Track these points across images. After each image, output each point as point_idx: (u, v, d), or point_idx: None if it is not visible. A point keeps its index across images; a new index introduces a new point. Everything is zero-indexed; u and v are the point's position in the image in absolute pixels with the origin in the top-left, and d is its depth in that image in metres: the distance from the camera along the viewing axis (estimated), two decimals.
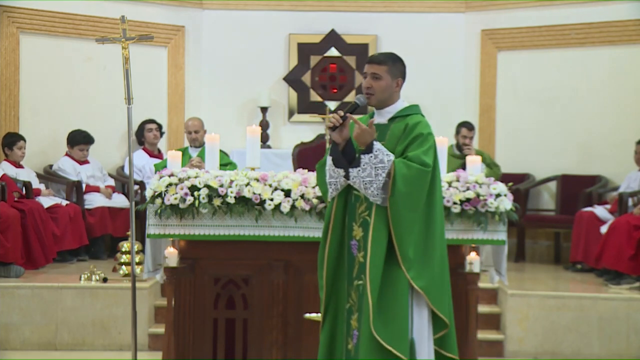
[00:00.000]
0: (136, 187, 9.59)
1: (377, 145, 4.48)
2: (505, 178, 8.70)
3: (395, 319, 4.47)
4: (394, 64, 4.64)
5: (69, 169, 9.84)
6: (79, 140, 9.91)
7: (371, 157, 4.45)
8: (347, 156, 4.55)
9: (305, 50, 11.14)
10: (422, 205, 4.52)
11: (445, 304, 4.59)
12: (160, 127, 10.52)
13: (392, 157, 4.48)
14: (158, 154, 10.36)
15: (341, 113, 4.54)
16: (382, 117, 4.69)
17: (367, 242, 4.53)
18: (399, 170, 4.45)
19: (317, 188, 5.58)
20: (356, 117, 4.64)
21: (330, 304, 4.66)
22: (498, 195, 5.65)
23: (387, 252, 4.50)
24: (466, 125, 9.84)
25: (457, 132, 9.83)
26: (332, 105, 11.06)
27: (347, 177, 4.54)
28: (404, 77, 4.69)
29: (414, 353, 4.53)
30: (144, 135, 10.39)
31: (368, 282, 4.46)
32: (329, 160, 4.61)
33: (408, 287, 4.49)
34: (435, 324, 4.60)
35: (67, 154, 9.96)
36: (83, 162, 9.95)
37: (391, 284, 4.49)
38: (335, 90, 11.17)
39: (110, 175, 10.21)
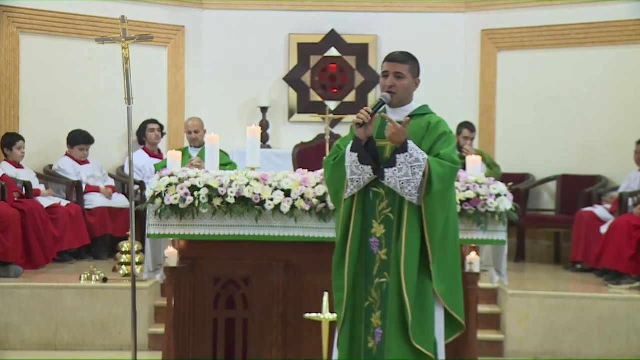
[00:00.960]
0: (136, 187, 9.59)
1: (411, 144, 4.48)
2: (505, 178, 8.71)
3: (426, 319, 4.50)
4: (414, 64, 4.70)
5: (69, 169, 9.84)
6: (79, 140, 9.91)
7: (407, 156, 4.45)
8: (370, 153, 4.54)
9: (305, 50, 11.14)
10: (451, 204, 4.57)
11: (461, 306, 4.64)
12: (162, 127, 10.52)
13: (426, 155, 4.48)
14: (158, 154, 10.37)
15: (369, 110, 4.55)
16: (398, 115, 4.66)
17: (391, 239, 4.53)
18: (434, 169, 4.46)
19: (317, 188, 5.58)
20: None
21: (349, 303, 4.62)
22: (498, 195, 5.65)
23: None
24: (468, 126, 9.83)
25: (459, 132, 9.83)
26: (332, 105, 11.07)
27: (376, 174, 4.52)
28: (419, 77, 4.75)
29: (437, 354, 4.56)
30: (146, 135, 10.39)
31: (404, 281, 4.45)
32: (352, 156, 4.57)
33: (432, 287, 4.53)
34: (449, 326, 4.63)
35: (67, 154, 9.96)
36: (83, 162, 9.95)
37: (420, 284, 4.50)
38: (335, 90, 11.17)
39: (110, 175, 10.21)
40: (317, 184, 5.61)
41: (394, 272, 4.51)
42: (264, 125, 10.90)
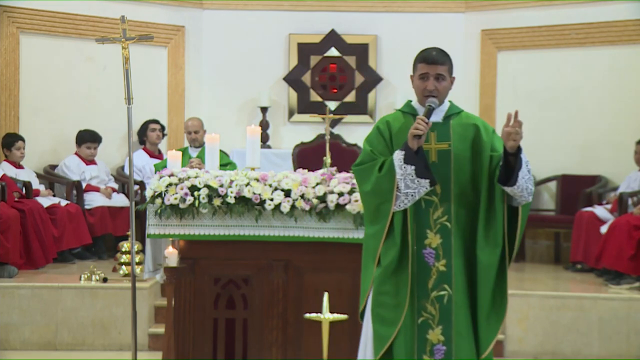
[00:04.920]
0: (136, 187, 9.60)
1: (522, 157, 4.36)
2: None
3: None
4: (451, 62, 4.48)
5: (74, 168, 9.86)
6: (86, 139, 9.92)
7: (524, 172, 4.35)
8: (423, 164, 4.30)
9: (305, 50, 11.14)
10: None
11: None
12: (163, 128, 10.52)
13: (528, 160, 4.34)
14: (158, 155, 10.37)
15: (426, 119, 4.28)
16: (435, 115, 4.43)
17: (450, 249, 4.34)
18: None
19: (317, 188, 5.56)
20: (392, 115, 4.54)
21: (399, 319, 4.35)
22: None
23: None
24: None
25: None
26: (332, 105, 11.07)
27: (432, 184, 4.28)
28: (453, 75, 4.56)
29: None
30: (147, 135, 10.40)
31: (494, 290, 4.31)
32: (407, 169, 4.28)
33: None
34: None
35: (75, 153, 9.97)
36: (90, 162, 9.96)
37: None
38: (335, 90, 11.17)
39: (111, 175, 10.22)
40: (317, 184, 5.60)
41: (459, 282, 4.33)
42: (264, 125, 10.91)
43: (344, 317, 4.80)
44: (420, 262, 4.37)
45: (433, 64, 4.41)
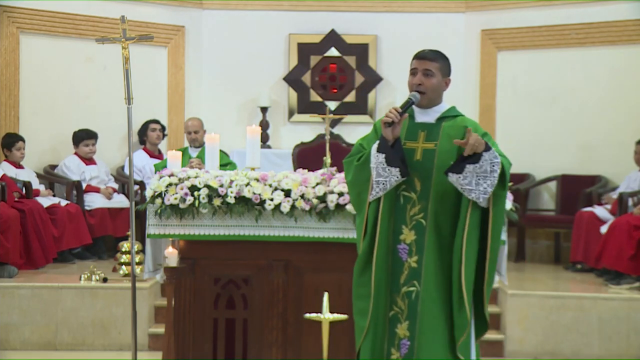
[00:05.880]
0: (136, 187, 9.60)
1: (486, 155, 4.25)
2: None
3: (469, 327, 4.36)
4: (444, 62, 4.48)
5: (74, 168, 9.86)
6: (82, 137, 9.93)
7: (476, 166, 4.24)
8: (398, 154, 4.32)
9: (305, 50, 11.14)
10: None
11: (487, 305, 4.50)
12: (163, 128, 10.52)
13: (498, 163, 4.27)
14: (158, 155, 10.37)
15: (399, 109, 4.33)
16: (428, 116, 4.48)
17: (423, 246, 4.34)
18: (507, 167, 4.33)
19: (317, 188, 5.58)
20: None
21: (373, 312, 4.41)
22: None
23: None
24: None
25: None
26: (332, 105, 11.07)
27: (403, 175, 4.31)
28: (449, 77, 4.54)
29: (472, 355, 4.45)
30: (147, 135, 10.40)
31: (464, 289, 4.27)
32: (379, 157, 4.34)
33: None
34: (477, 328, 4.49)
35: (75, 153, 9.98)
36: (89, 162, 9.96)
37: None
38: (335, 90, 11.17)
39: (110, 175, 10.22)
40: (317, 184, 5.61)
41: (429, 280, 4.33)
42: (264, 125, 10.91)
43: (344, 317, 4.80)
44: (395, 257, 4.42)
45: (422, 59, 4.46)
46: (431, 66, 4.44)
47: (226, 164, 7.74)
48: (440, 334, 4.33)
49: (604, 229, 8.69)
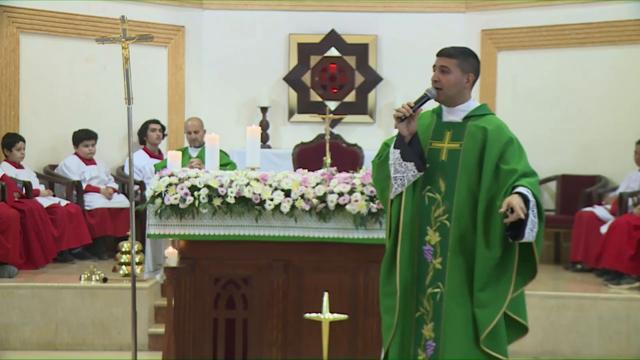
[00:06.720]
0: (136, 187, 9.60)
1: (528, 221, 4.20)
2: None
3: (501, 327, 4.39)
4: (466, 59, 4.43)
5: (74, 168, 9.86)
6: (82, 137, 9.93)
7: (528, 229, 4.22)
8: (414, 150, 4.31)
9: (305, 50, 11.14)
10: None
11: (524, 309, 4.64)
12: (163, 128, 10.52)
13: (536, 213, 4.24)
14: (158, 155, 10.37)
15: (411, 104, 4.31)
16: (454, 115, 4.46)
17: (447, 247, 4.32)
18: (540, 203, 4.33)
19: (317, 188, 5.58)
20: (423, 112, 4.49)
21: (400, 311, 4.39)
22: None
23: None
24: None
25: None
26: (332, 105, 11.07)
27: (419, 169, 4.30)
28: (476, 74, 4.47)
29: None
30: (147, 135, 10.40)
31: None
32: (395, 153, 4.32)
33: None
34: (512, 329, 4.52)
35: (75, 153, 9.98)
36: (89, 162, 9.96)
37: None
38: (335, 90, 11.17)
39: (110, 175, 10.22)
40: (317, 184, 5.61)
41: (452, 281, 4.31)
42: (264, 125, 10.90)
43: (344, 317, 4.81)
44: (420, 258, 4.39)
45: (440, 56, 4.46)
46: (448, 62, 4.41)
47: (226, 164, 7.74)
48: (464, 336, 4.31)
49: (604, 229, 8.69)
